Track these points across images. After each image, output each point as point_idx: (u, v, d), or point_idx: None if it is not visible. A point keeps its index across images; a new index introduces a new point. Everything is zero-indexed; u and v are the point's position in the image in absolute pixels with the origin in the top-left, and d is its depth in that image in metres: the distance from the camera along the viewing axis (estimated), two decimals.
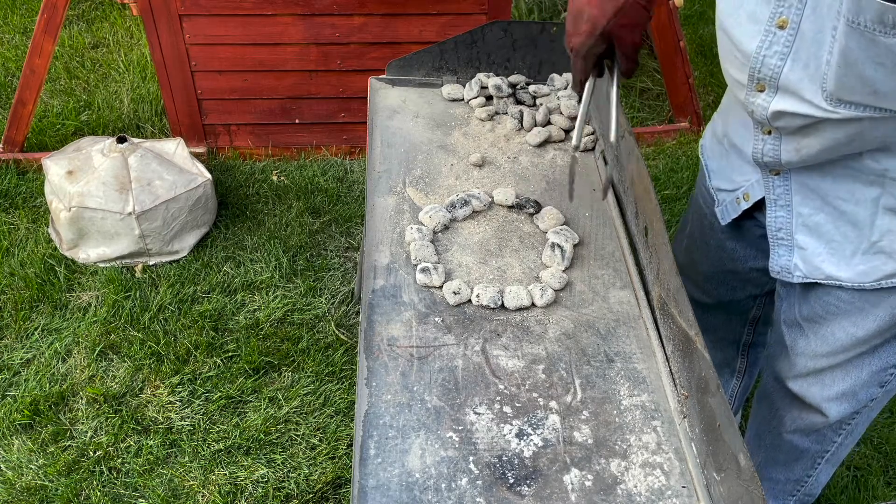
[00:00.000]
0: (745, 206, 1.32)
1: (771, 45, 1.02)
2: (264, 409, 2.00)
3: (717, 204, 1.39)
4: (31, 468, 1.87)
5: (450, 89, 1.68)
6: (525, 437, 1.05)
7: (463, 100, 1.69)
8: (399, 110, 1.65)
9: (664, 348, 1.19)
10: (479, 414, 1.08)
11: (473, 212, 1.41)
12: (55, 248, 2.40)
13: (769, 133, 1.15)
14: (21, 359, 2.10)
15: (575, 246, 1.35)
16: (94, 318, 2.19)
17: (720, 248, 1.48)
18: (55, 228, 2.41)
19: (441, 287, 1.25)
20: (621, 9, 1.12)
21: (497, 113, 1.65)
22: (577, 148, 1.24)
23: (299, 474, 1.88)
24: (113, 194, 2.27)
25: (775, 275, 1.28)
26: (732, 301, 1.60)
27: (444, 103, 1.68)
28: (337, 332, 2.21)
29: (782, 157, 1.15)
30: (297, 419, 1.99)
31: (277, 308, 2.25)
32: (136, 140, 2.43)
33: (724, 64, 1.15)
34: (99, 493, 1.82)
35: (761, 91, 1.08)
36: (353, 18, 2.50)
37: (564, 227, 1.38)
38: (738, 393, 1.88)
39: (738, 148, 1.29)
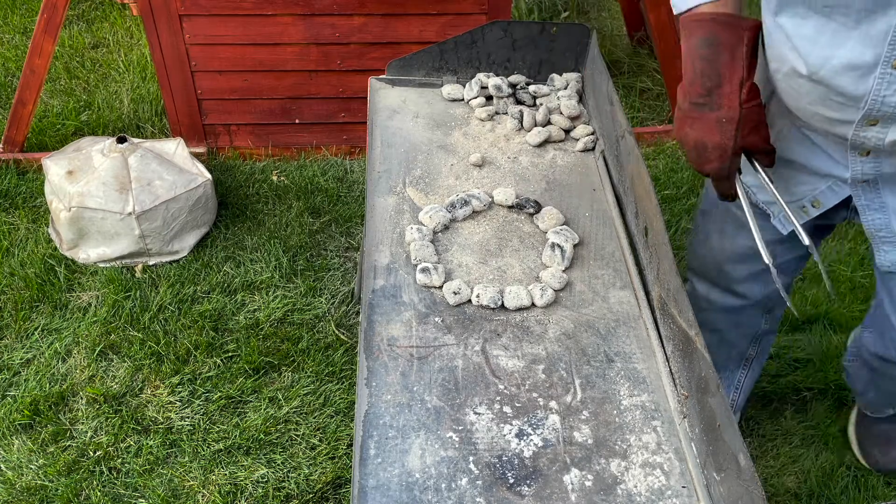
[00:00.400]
0: (814, 212, 1.33)
1: (889, 85, 1.03)
2: (264, 409, 2.00)
3: (772, 217, 1.39)
4: (31, 468, 1.87)
5: (450, 89, 1.68)
6: (525, 437, 1.05)
7: (463, 100, 1.69)
8: (399, 110, 1.65)
9: (664, 348, 1.19)
10: (479, 414, 1.08)
11: (473, 212, 1.41)
12: (55, 248, 2.40)
13: (868, 154, 1.17)
14: (21, 359, 2.10)
15: (575, 246, 1.35)
16: (94, 318, 2.19)
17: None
18: (55, 228, 2.41)
19: (441, 287, 1.25)
20: (740, 122, 1.12)
21: (497, 113, 1.65)
22: (775, 270, 1.21)
23: (299, 474, 1.88)
24: (113, 194, 2.27)
25: (885, 268, 1.29)
26: (765, 295, 1.61)
27: (444, 103, 1.68)
28: (337, 332, 2.21)
29: (884, 170, 1.18)
30: (297, 419, 1.99)
31: (277, 308, 2.25)
32: (136, 140, 2.43)
33: (812, 108, 1.16)
34: (99, 493, 1.82)
35: (874, 125, 1.10)
36: (353, 18, 2.50)
37: (564, 227, 1.38)
38: (745, 384, 1.88)
39: (799, 163, 1.29)
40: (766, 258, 1.19)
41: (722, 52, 1.10)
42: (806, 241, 1.20)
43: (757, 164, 1.22)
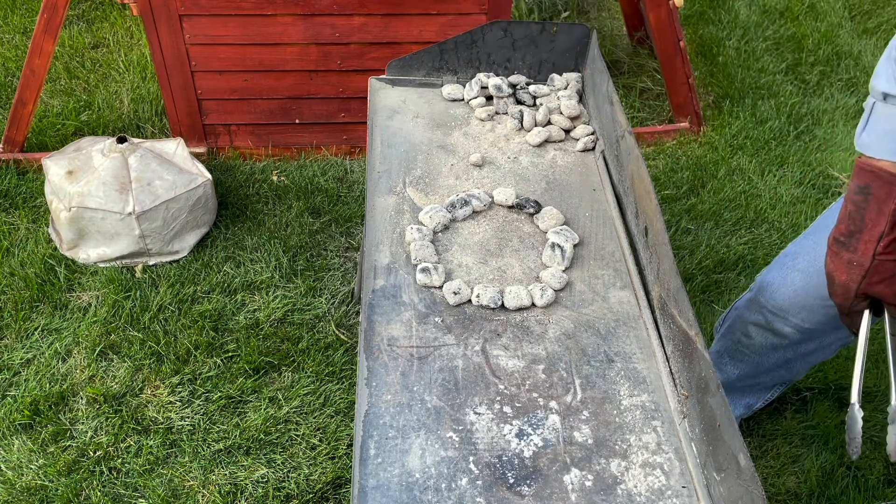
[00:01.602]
0: None
1: None
2: (264, 409, 2.00)
3: None
4: (31, 468, 1.87)
5: (450, 89, 1.68)
6: (525, 437, 1.05)
7: (463, 100, 1.69)
8: (399, 110, 1.65)
9: (664, 348, 1.19)
10: (479, 414, 1.08)
11: (473, 212, 1.41)
12: (55, 248, 2.40)
13: None
14: (21, 359, 2.10)
15: (575, 246, 1.35)
16: (94, 318, 2.19)
17: None
18: (55, 228, 2.41)
19: (441, 287, 1.25)
20: (868, 270, 1.15)
21: (497, 113, 1.65)
22: (861, 413, 1.20)
23: (299, 474, 1.88)
24: (113, 194, 2.27)
25: None
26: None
27: (444, 103, 1.68)
28: (337, 332, 2.21)
29: None
30: (297, 419, 1.99)
31: (277, 308, 2.25)
32: (136, 140, 2.43)
33: None
34: (99, 493, 1.82)
35: None
36: (353, 18, 2.50)
37: (564, 227, 1.38)
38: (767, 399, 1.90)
39: None
40: (856, 397, 1.20)
41: (871, 202, 1.14)
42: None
43: (887, 313, 1.23)
